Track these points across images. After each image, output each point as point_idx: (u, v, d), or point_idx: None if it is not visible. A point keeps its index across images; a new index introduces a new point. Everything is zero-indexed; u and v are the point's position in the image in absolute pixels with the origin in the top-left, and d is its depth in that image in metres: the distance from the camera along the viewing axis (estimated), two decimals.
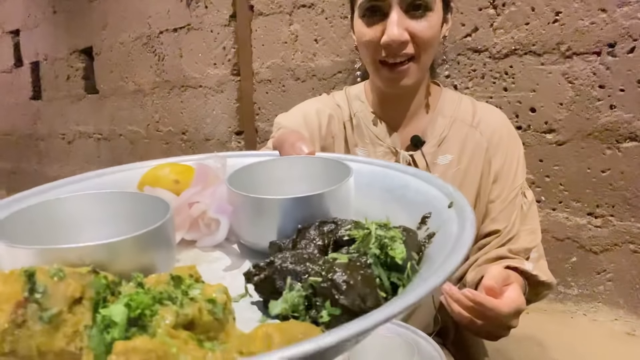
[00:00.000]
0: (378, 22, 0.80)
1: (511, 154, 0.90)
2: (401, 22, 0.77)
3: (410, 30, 0.78)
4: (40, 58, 4.45)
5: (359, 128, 0.91)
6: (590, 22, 1.75)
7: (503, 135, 0.90)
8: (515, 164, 0.90)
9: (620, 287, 1.81)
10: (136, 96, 3.65)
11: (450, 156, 0.88)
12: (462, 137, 0.88)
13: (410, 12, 0.78)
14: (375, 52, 0.81)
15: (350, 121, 0.93)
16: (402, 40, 0.77)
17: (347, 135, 0.92)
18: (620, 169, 1.75)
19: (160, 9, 3.31)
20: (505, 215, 0.87)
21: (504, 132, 0.91)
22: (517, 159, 0.90)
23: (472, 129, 0.89)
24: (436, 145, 0.88)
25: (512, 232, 0.86)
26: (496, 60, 1.98)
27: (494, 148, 0.88)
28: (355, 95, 0.95)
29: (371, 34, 0.80)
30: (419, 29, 0.78)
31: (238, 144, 3.02)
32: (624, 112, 1.72)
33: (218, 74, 3.04)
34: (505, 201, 0.87)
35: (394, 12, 0.77)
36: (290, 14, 2.64)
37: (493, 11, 1.96)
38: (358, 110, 0.93)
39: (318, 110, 0.92)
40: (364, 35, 0.82)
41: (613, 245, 1.80)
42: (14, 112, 4.90)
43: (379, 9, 0.79)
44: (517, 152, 0.91)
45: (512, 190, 0.88)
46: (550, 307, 1.93)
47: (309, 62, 2.59)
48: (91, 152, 4.17)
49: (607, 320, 1.81)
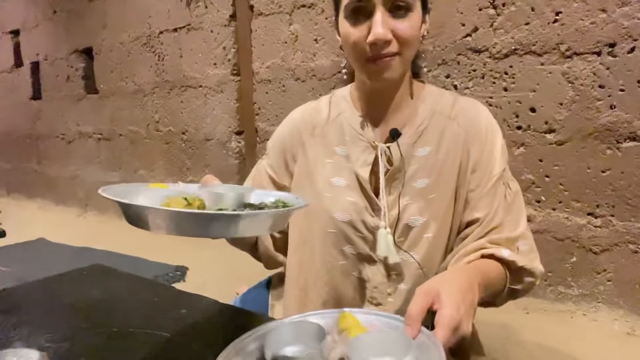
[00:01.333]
0: (363, 22, 0.84)
1: (490, 143, 0.92)
2: (385, 22, 0.82)
3: (394, 30, 0.83)
4: (40, 58, 4.46)
5: (341, 127, 0.96)
6: (590, 22, 1.75)
7: (481, 126, 0.92)
8: (494, 152, 0.91)
9: (620, 287, 1.81)
10: (136, 96, 3.65)
11: (429, 148, 0.90)
12: (441, 129, 0.91)
13: (393, 12, 0.83)
14: (362, 50, 0.85)
15: (328, 124, 0.98)
16: (387, 39, 0.82)
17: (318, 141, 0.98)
18: (620, 169, 1.75)
19: (160, 8, 3.32)
20: (485, 203, 0.88)
21: (482, 122, 0.93)
22: (495, 148, 0.92)
23: (451, 120, 0.92)
24: (415, 137, 0.91)
25: (494, 221, 0.87)
26: (496, 60, 1.98)
27: (471, 138, 0.91)
28: (341, 96, 1.00)
29: (357, 34, 0.84)
30: (401, 28, 0.83)
31: (238, 143, 3.02)
32: (624, 112, 1.73)
33: (218, 74, 3.05)
34: (484, 189, 0.89)
35: (378, 13, 0.81)
36: (290, 14, 2.64)
37: (493, 11, 1.96)
38: (342, 110, 0.98)
39: (291, 129, 1.02)
40: (350, 35, 0.86)
41: (613, 245, 1.80)
42: (14, 112, 4.91)
43: (363, 9, 0.83)
44: (496, 141, 0.93)
45: (491, 179, 0.89)
46: (550, 307, 1.93)
47: (309, 62, 2.60)
48: (91, 152, 4.17)
49: (607, 320, 1.81)
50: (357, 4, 0.83)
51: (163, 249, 2.86)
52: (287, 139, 1.01)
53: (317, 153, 0.96)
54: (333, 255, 0.92)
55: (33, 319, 0.84)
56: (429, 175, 0.89)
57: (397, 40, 0.83)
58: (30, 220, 4.24)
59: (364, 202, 0.90)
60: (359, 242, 0.90)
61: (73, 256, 3.08)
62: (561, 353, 1.66)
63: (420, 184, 0.88)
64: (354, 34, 0.84)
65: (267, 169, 1.03)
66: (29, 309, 0.89)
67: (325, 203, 0.92)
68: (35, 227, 3.83)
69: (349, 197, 0.91)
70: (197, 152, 3.30)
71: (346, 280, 0.92)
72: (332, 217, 0.90)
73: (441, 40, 2.10)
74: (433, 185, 0.88)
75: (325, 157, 0.95)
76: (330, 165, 0.94)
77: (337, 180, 0.93)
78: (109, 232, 3.62)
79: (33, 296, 0.97)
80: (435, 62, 2.13)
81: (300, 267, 0.97)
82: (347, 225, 0.90)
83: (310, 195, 0.93)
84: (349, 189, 0.91)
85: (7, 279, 2.54)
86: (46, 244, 3.46)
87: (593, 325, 1.81)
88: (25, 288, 1.01)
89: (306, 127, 1.00)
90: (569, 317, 1.88)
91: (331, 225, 0.91)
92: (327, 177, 0.94)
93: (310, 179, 0.95)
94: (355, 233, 0.90)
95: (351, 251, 0.91)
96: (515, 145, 1.97)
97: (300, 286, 0.97)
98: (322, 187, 0.93)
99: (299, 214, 0.93)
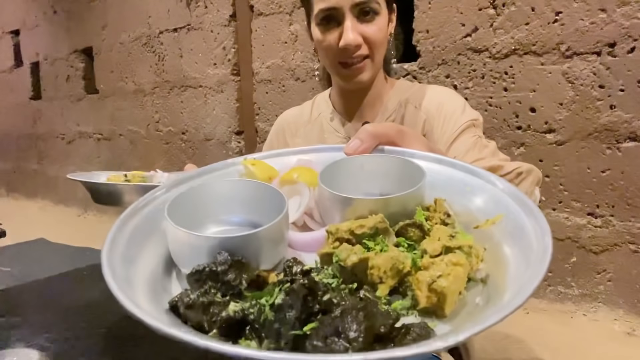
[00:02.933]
0: (334, 29, 0.90)
1: (447, 113, 0.94)
2: (355, 28, 0.88)
3: (363, 34, 0.89)
4: (40, 58, 4.46)
5: (321, 126, 1.04)
6: (590, 22, 1.75)
7: (437, 103, 0.96)
8: (453, 116, 0.93)
9: (620, 287, 1.81)
10: (136, 96, 3.65)
11: None
12: (408, 117, 0.97)
13: (360, 17, 0.89)
14: (334, 55, 0.92)
15: (310, 122, 1.06)
16: (357, 44, 0.88)
17: (300, 141, 1.06)
18: (620, 169, 1.75)
19: (160, 8, 3.31)
20: (456, 148, 0.88)
21: (438, 99, 0.97)
22: (455, 113, 0.94)
23: (416, 109, 0.98)
24: None
25: (469, 157, 0.86)
26: (496, 60, 1.98)
27: (431, 117, 0.95)
28: (322, 98, 1.10)
29: (329, 39, 0.91)
30: (370, 32, 0.89)
31: (238, 143, 3.02)
32: (624, 112, 1.72)
33: (218, 74, 3.04)
34: (450, 140, 0.90)
35: (348, 20, 0.88)
36: (290, 14, 2.64)
37: (493, 11, 1.96)
38: (322, 110, 1.07)
39: (277, 131, 1.12)
40: (323, 41, 0.92)
41: (613, 245, 1.80)
42: (14, 112, 4.91)
43: (333, 17, 0.89)
44: (455, 108, 0.95)
45: (455, 131, 0.90)
46: (550, 307, 1.93)
47: (309, 62, 2.59)
48: (91, 152, 4.17)
49: (607, 320, 1.81)
50: (327, 13, 0.89)
51: None
52: (274, 140, 1.12)
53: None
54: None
55: (33, 319, 0.84)
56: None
57: (366, 44, 0.89)
58: (30, 220, 4.24)
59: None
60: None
61: (73, 256, 3.08)
62: (561, 353, 1.66)
63: None
64: (325, 40, 0.91)
65: None
66: (29, 309, 0.89)
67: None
68: (35, 227, 3.83)
69: None
70: (197, 152, 3.30)
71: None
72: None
73: (441, 40, 2.10)
74: None
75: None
76: None
77: None
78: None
79: (33, 296, 0.97)
80: (435, 62, 2.13)
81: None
82: None
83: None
84: None
85: (7, 279, 2.54)
86: (46, 244, 3.46)
87: (593, 325, 1.81)
88: (25, 288, 1.01)
89: (289, 128, 1.10)
90: (569, 317, 1.88)
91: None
92: None
93: None
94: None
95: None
96: (515, 145, 1.97)
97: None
98: None
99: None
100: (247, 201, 0.53)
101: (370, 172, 0.56)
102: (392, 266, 0.42)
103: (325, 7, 0.88)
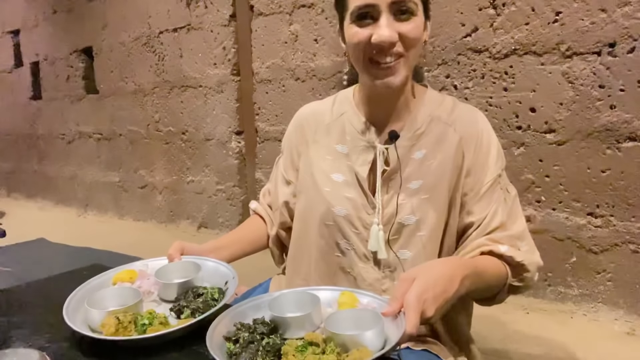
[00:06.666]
0: (368, 25, 0.88)
1: (485, 148, 0.94)
2: (391, 25, 0.86)
3: (399, 31, 0.86)
4: (40, 58, 4.46)
5: (343, 126, 1.00)
6: (590, 22, 1.75)
7: (476, 131, 0.95)
8: (489, 159, 0.94)
9: (620, 287, 1.81)
10: (136, 96, 3.65)
11: (425, 151, 0.93)
12: (438, 133, 0.94)
13: (397, 16, 0.86)
14: (366, 50, 0.88)
15: (331, 122, 1.02)
16: (393, 41, 0.86)
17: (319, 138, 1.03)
18: (620, 169, 1.75)
19: (160, 9, 3.32)
20: (480, 208, 0.91)
21: (477, 127, 0.95)
22: (490, 154, 0.94)
23: (447, 126, 0.95)
24: (412, 140, 0.94)
25: (493, 222, 0.90)
26: (496, 60, 1.98)
27: (466, 143, 0.93)
28: (345, 97, 1.05)
29: (362, 34, 0.88)
30: (406, 30, 0.87)
31: (238, 143, 3.02)
32: (624, 112, 1.73)
33: (218, 74, 3.05)
34: (478, 194, 0.92)
35: (384, 17, 0.86)
36: (290, 14, 2.64)
37: (493, 11, 1.96)
38: (345, 110, 1.02)
39: (296, 127, 1.09)
40: (356, 36, 0.89)
41: (613, 245, 1.80)
42: (14, 112, 4.91)
43: (369, 14, 0.87)
44: (491, 147, 0.95)
45: (485, 184, 0.92)
46: (550, 307, 1.93)
47: (309, 62, 2.60)
48: (91, 152, 4.17)
49: (607, 320, 1.81)
50: (363, 10, 0.87)
51: (163, 249, 2.85)
52: (293, 137, 1.08)
53: (319, 149, 1.01)
54: (330, 246, 0.95)
55: (33, 319, 0.84)
56: (423, 177, 0.91)
57: (402, 42, 0.86)
58: (30, 220, 4.24)
59: (361, 199, 0.93)
60: (354, 238, 0.93)
61: (73, 256, 3.08)
62: (561, 353, 1.66)
63: (414, 184, 0.91)
64: (359, 34, 0.88)
65: (280, 165, 1.11)
66: (29, 309, 0.89)
67: (325, 196, 0.95)
68: (35, 227, 3.83)
69: (347, 193, 0.94)
70: (197, 152, 3.30)
71: (342, 277, 0.95)
72: (331, 210, 0.94)
73: (441, 40, 2.10)
74: (426, 187, 0.91)
75: (326, 154, 0.99)
76: (330, 161, 0.98)
77: (336, 176, 0.96)
78: (109, 232, 3.62)
79: (33, 296, 0.97)
80: (435, 62, 2.13)
81: (302, 257, 1.01)
82: (344, 219, 0.93)
83: (311, 188, 0.98)
84: (347, 185, 0.95)
85: (7, 279, 2.54)
86: (46, 244, 3.46)
87: (593, 325, 1.81)
88: (25, 288, 1.01)
89: (309, 125, 1.05)
90: (569, 317, 1.88)
91: (329, 218, 0.94)
92: (327, 172, 0.98)
93: (312, 173, 1.00)
94: (352, 228, 0.93)
95: (346, 246, 0.94)
96: (515, 145, 1.97)
97: (301, 276, 1.01)
98: (321, 182, 0.97)
99: (300, 205, 1.01)
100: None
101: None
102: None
103: (362, 3, 0.86)
